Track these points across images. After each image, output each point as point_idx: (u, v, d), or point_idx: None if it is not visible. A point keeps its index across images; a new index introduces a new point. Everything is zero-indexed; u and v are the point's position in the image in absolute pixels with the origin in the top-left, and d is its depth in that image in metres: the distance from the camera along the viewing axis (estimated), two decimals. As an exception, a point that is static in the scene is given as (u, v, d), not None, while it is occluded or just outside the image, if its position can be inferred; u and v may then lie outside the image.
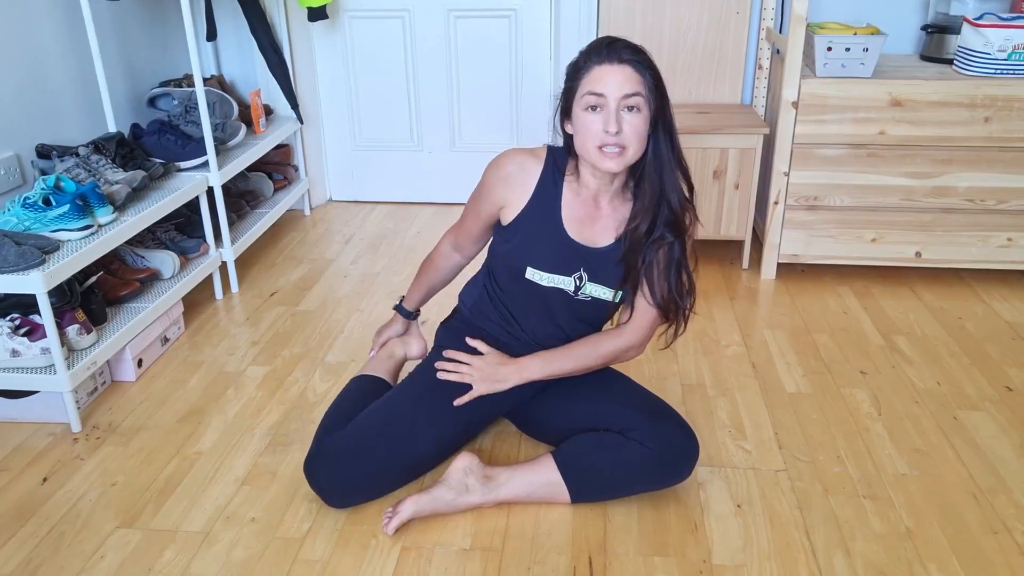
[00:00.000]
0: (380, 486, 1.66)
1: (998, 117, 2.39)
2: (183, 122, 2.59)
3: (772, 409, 1.97)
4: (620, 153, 1.46)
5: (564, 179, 1.59)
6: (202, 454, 1.83)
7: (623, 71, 1.44)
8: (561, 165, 1.60)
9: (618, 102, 1.44)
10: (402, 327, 1.95)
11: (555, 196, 1.59)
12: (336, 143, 3.40)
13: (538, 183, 1.59)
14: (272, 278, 2.75)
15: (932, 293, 2.57)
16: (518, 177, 1.60)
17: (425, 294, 1.91)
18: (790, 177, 2.53)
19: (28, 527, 1.61)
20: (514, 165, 1.61)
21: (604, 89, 1.44)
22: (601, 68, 1.45)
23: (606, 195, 1.59)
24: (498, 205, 1.64)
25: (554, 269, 1.61)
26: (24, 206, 1.94)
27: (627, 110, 1.45)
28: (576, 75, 1.49)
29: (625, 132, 1.45)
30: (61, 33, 2.38)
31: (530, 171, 1.60)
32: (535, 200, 1.60)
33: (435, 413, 1.67)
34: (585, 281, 1.61)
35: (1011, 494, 1.67)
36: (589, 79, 1.46)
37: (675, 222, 1.55)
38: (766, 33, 2.83)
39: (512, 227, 1.63)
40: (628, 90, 1.44)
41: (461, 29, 3.15)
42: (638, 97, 1.45)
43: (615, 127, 1.44)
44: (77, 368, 1.89)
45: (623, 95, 1.44)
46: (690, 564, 1.50)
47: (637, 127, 1.46)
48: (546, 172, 1.60)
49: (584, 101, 1.46)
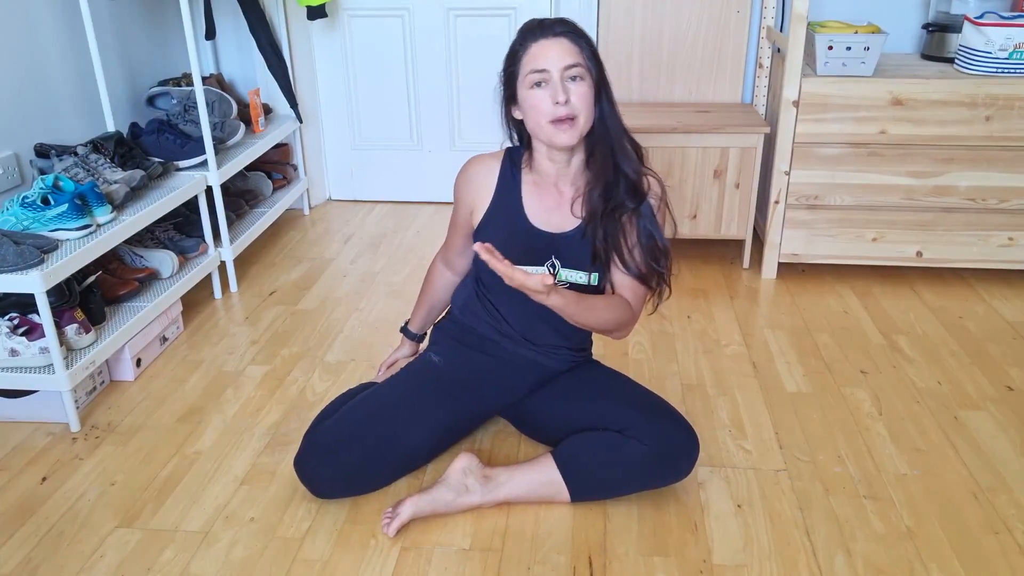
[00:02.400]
0: (370, 477, 1.66)
1: (999, 116, 2.38)
2: (182, 121, 2.58)
3: (772, 409, 1.97)
4: (572, 123, 1.48)
5: (522, 172, 1.63)
6: (201, 454, 1.82)
7: (560, 43, 1.48)
8: (517, 159, 1.64)
9: (561, 73, 1.47)
10: (410, 349, 1.94)
11: (515, 189, 1.63)
12: (335, 142, 3.39)
13: (498, 180, 1.64)
14: (271, 277, 2.74)
15: (933, 292, 2.56)
16: (480, 178, 1.66)
17: (427, 315, 1.91)
18: (791, 176, 2.53)
19: (27, 527, 1.61)
20: (474, 167, 1.67)
21: (545, 64, 1.47)
22: (538, 44, 1.48)
23: (566, 179, 1.60)
24: (469, 209, 1.69)
25: (526, 261, 1.60)
26: (23, 205, 1.93)
27: (571, 80, 1.48)
28: (515, 59, 1.52)
29: (573, 101, 1.47)
30: (60, 32, 2.38)
31: (490, 169, 1.65)
32: (497, 197, 1.64)
33: (428, 404, 1.68)
34: (558, 268, 1.61)
35: (1012, 494, 1.67)
36: (529, 58, 1.49)
37: (633, 188, 1.55)
38: (767, 32, 2.83)
39: (481, 228, 1.66)
40: (569, 61, 1.47)
41: (461, 28, 3.15)
42: (579, 67, 1.48)
43: (563, 96, 1.46)
44: (76, 367, 1.88)
45: (564, 66, 1.47)
46: (690, 564, 1.49)
47: (584, 95, 1.48)
48: (504, 168, 1.65)
49: (528, 80, 1.49)
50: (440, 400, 1.70)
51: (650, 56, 2.90)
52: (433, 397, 1.70)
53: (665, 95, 2.95)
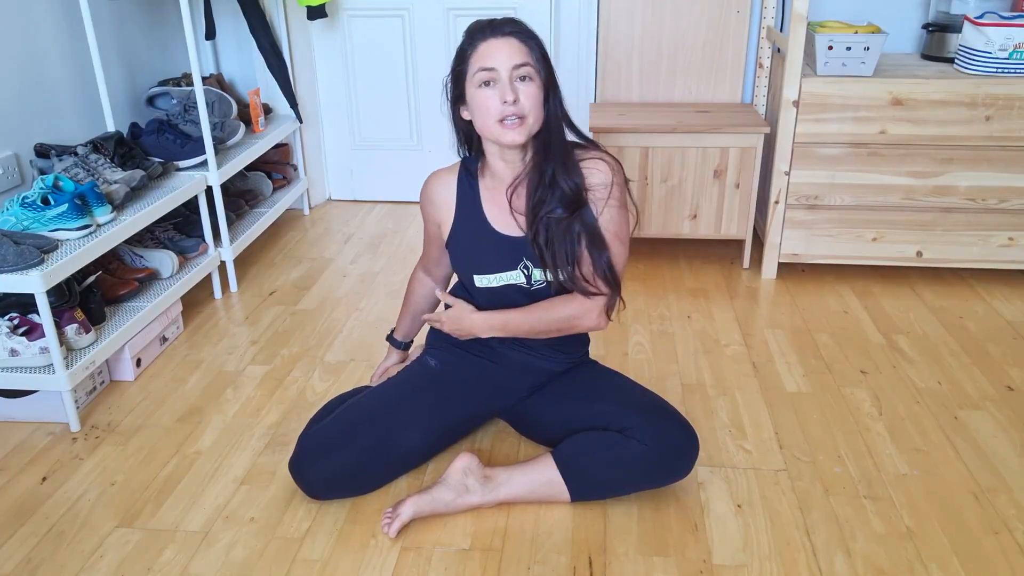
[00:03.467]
0: (364, 479, 1.65)
1: (999, 116, 2.38)
2: (182, 121, 2.58)
3: (772, 409, 1.97)
4: (521, 123, 1.47)
5: (478, 179, 1.63)
6: (201, 453, 1.82)
7: (509, 43, 1.47)
8: (472, 168, 1.64)
9: (510, 73, 1.46)
10: (398, 358, 1.94)
11: (474, 198, 1.63)
12: (335, 142, 3.39)
13: (457, 193, 1.64)
14: (271, 277, 2.74)
15: (933, 292, 2.56)
16: (439, 195, 1.66)
17: (411, 323, 1.91)
18: (791, 176, 2.53)
19: (27, 526, 1.61)
20: (432, 184, 1.67)
21: (494, 63, 1.46)
22: (487, 44, 1.47)
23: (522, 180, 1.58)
24: (436, 224, 1.69)
25: (498, 268, 1.61)
26: (23, 205, 1.93)
27: (520, 80, 1.47)
28: (463, 57, 1.51)
29: (522, 101, 1.46)
30: (60, 32, 2.38)
31: (447, 184, 1.65)
32: (460, 209, 1.64)
33: (424, 407, 1.68)
34: (532, 269, 1.61)
35: (1012, 494, 1.67)
36: (477, 57, 1.48)
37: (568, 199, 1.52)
38: (766, 32, 2.83)
39: (451, 241, 1.67)
40: (518, 60, 1.46)
41: (461, 28, 3.12)
42: (528, 67, 1.47)
43: (512, 95, 1.45)
44: (76, 367, 1.88)
45: (513, 65, 1.46)
46: (690, 564, 1.49)
47: (533, 95, 1.47)
48: (461, 180, 1.64)
49: (477, 79, 1.48)
50: (436, 403, 1.70)
51: (650, 56, 2.90)
52: (429, 400, 1.70)
53: (665, 95, 2.95)
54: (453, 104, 1.57)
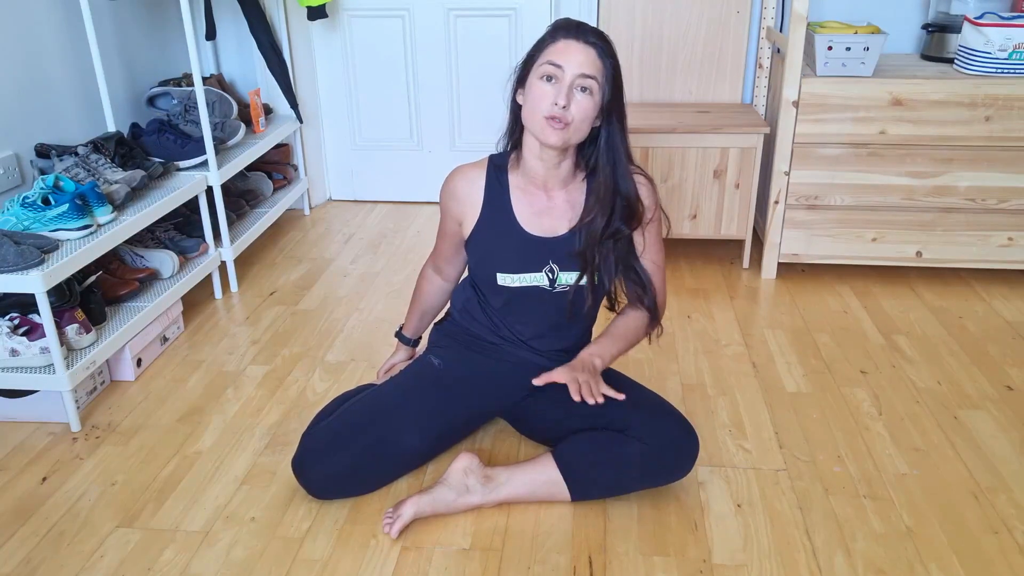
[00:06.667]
0: (366, 478, 1.66)
1: (999, 116, 2.38)
2: (182, 121, 2.58)
3: (772, 409, 1.97)
4: (563, 128, 1.47)
5: (508, 175, 1.61)
6: (201, 453, 1.83)
7: (586, 51, 1.46)
8: (501, 164, 1.62)
9: (573, 78, 1.45)
10: (405, 354, 1.94)
11: (504, 196, 1.61)
12: (336, 142, 3.39)
13: (485, 189, 1.62)
14: (272, 277, 2.74)
15: (932, 292, 2.56)
16: (465, 189, 1.63)
17: (419, 320, 1.91)
18: (790, 176, 2.53)
19: (28, 526, 1.61)
20: (459, 179, 1.64)
21: (564, 61, 1.45)
22: (567, 43, 1.47)
23: (555, 181, 1.59)
24: (457, 221, 1.67)
25: (523, 269, 1.61)
26: (23, 205, 1.93)
27: (580, 90, 1.46)
28: (541, 45, 1.51)
29: (572, 110, 1.46)
30: (60, 32, 2.38)
31: (475, 181, 1.63)
32: (487, 207, 1.62)
33: (426, 406, 1.68)
34: (557, 272, 1.61)
35: (1011, 493, 1.67)
36: (552, 51, 1.47)
37: (630, 214, 1.56)
38: (766, 32, 2.83)
39: (473, 239, 1.65)
40: (586, 70, 1.45)
41: (461, 28, 3.15)
42: (593, 81, 1.46)
43: (564, 100, 1.45)
44: (76, 367, 1.88)
45: (580, 73, 1.45)
46: (690, 564, 1.50)
47: (585, 108, 1.47)
48: (490, 176, 1.62)
49: (542, 70, 1.47)
50: (438, 402, 1.70)
51: (650, 56, 2.90)
52: (431, 399, 1.70)
53: (665, 95, 2.95)
54: (516, 84, 1.56)
